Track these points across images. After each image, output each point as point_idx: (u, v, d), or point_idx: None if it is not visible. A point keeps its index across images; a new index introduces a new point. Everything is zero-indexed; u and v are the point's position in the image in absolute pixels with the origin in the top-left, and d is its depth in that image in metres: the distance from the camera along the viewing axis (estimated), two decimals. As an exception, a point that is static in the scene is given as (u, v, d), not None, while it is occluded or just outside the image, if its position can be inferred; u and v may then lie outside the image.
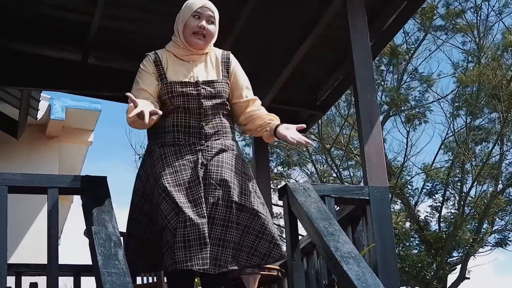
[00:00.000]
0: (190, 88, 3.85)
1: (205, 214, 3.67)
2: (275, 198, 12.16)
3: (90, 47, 6.19)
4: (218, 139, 3.86)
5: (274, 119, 3.97)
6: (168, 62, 3.91)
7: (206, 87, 3.87)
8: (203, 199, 3.69)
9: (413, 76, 18.89)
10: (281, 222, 17.59)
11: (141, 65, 3.96)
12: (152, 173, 3.78)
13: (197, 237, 3.61)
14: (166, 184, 3.67)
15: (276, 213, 16.89)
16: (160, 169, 3.75)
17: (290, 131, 3.90)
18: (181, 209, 3.62)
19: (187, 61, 3.94)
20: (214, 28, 3.93)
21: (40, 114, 8.21)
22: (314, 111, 6.96)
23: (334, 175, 19.14)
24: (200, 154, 3.79)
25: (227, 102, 3.95)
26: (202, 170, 3.76)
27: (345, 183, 17.69)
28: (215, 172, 3.76)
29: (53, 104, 8.37)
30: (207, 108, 3.85)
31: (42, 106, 8.12)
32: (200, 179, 3.72)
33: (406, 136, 18.27)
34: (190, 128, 3.83)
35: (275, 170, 19.08)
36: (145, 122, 3.59)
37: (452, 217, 17.85)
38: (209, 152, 3.80)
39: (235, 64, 4.05)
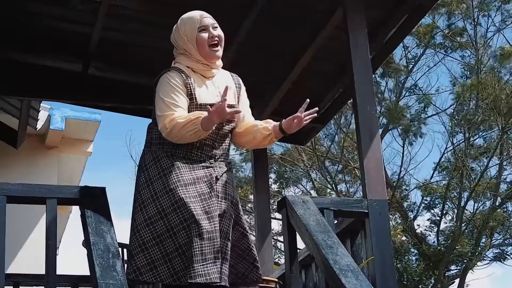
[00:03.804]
0: None
1: (218, 227, 3.67)
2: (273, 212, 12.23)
3: (91, 58, 6.20)
4: (223, 160, 3.90)
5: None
6: (195, 81, 3.84)
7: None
8: (216, 213, 3.70)
9: (412, 91, 18.96)
10: (279, 237, 17.64)
11: (171, 79, 3.80)
12: (161, 182, 3.72)
13: (211, 250, 3.61)
14: (182, 196, 3.64)
15: (273, 228, 16.89)
16: (173, 179, 3.70)
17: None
18: (197, 222, 3.60)
19: (206, 77, 3.91)
20: (221, 32, 3.93)
21: (39, 124, 8.21)
22: (314, 124, 6.95)
23: (330, 187, 19.18)
24: (212, 170, 3.80)
25: None
26: (215, 184, 3.77)
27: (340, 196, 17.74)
28: (222, 186, 3.80)
29: (52, 114, 8.37)
30: (225, 131, 3.88)
31: (42, 116, 8.12)
32: (214, 193, 3.74)
33: (402, 149, 18.38)
34: (204, 145, 3.81)
35: (271, 188, 19.15)
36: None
37: (450, 230, 17.85)
38: (218, 170, 3.83)
39: (244, 90, 4.07)
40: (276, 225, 16.81)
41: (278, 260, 17.39)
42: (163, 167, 3.76)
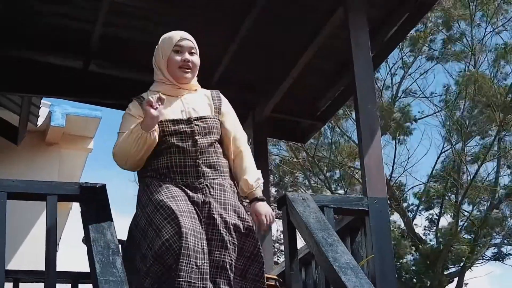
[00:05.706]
0: (183, 126, 3.74)
1: (205, 246, 3.53)
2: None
3: (92, 55, 6.20)
4: (216, 178, 3.74)
5: (256, 187, 3.85)
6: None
7: (199, 123, 3.76)
8: (203, 235, 3.55)
9: (408, 92, 19.04)
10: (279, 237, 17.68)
11: (126, 110, 3.85)
12: (151, 202, 3.61)
13: (196, 269, 3.46)
14: (174, 208, 3.50)
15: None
16: (162, 196, 3.57)
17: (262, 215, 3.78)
18: (185, 235, 3.46)
19: (175, 96, 3.83)
20: (197, 59, 3.86)
21: (40, 121, 8.21)
22: (315, 121, 6.97)
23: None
24: (200, 193, 3.65)
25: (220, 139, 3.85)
26: (203, 208, 3.62)
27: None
28: (215, 209, 3.63)
29: (53, 110, 8.37)
30: (202, 146, 3.73)
31: (43, 112, 8.12)
32: (201, 217, 3.59)
33: (394, 148, 18.47)
34: (186, 167, 3.69)
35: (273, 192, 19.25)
36: (155, 136, 3.61)
37: (447, 229, 17.88)
38: (209, 191, 3.67)
39: (226, 103, 3.96)
40: (275, 225, 16.81)
41: (277, 260, 17.41)
42: (151, 190, 3.66)
